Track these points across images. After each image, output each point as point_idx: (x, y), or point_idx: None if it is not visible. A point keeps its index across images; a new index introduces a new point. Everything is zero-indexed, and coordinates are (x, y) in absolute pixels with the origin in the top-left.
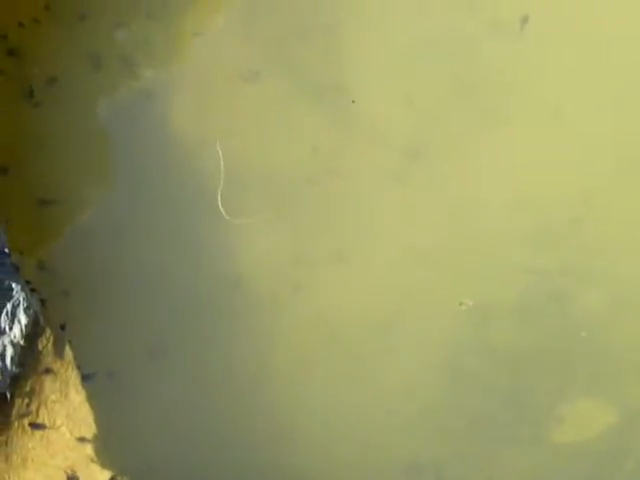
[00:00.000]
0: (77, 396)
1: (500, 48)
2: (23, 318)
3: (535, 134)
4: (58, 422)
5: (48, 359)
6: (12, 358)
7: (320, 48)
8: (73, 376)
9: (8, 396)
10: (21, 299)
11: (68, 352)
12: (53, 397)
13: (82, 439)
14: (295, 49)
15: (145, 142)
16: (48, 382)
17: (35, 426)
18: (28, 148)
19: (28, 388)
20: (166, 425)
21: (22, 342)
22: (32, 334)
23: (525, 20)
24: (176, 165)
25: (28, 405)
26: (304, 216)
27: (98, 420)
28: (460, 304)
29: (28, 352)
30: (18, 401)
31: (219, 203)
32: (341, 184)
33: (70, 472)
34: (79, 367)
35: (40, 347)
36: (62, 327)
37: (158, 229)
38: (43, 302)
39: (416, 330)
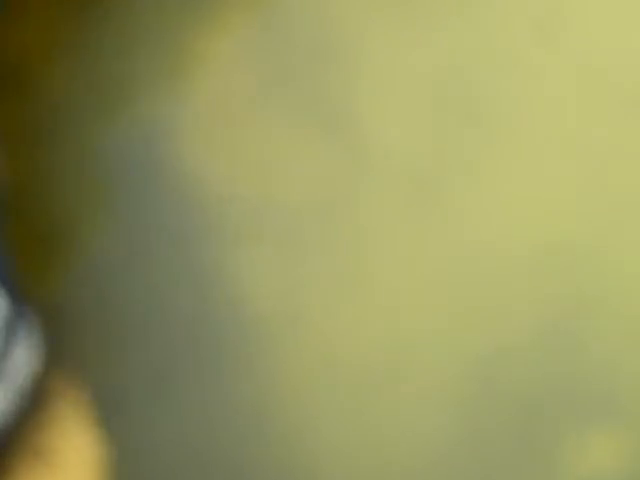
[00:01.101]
0: (83, 427)
1: (515, 79)
2: (29, 350)
3: (551, 166)
4: (66, 456)
5: (54, 391)
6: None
7: (331, 77)
8: (79, 407)
9: (15, 430)
10: (27, 330)
11: (74, 383)
12: (61, 431)
13: (90, 474)
14: (305, 78)
15: (151, 173)
16: (54, 414)
17: (41, 459)
18: (32, 181)
19: (35, 422)
20: (175, 461)
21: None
22: (38, 366)
23: (540, 44)
24: (181, 195)
25: (35, 439)
26: (311, 245)
27: (106, 454)
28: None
29: (33, 384)
30: (23, 433)
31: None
32: (348, 214)
33: None
34: (87, 401)
35: (46, 379)
36: (70, 361)
37: (162, 262)
38: (49, 334)
39: (422, 360)
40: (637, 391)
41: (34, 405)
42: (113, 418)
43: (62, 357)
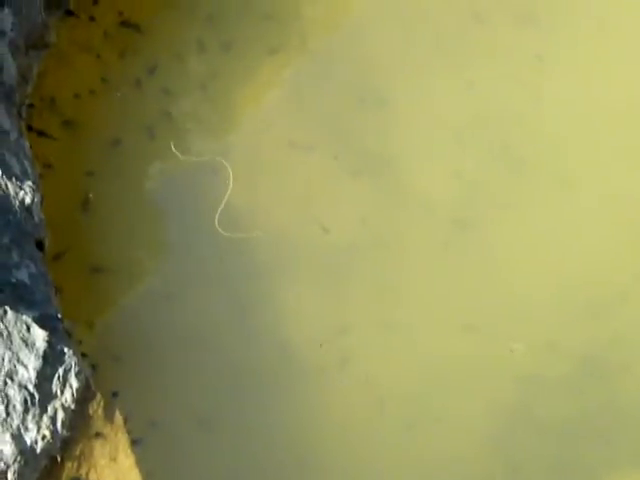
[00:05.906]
0: (126, 460)
1: (548, 120)
2: (74, 382)
3: (584, 206)
4: None
5: (98, 423)
6: (63, 422)
7: (371, 121)
8: (123, 440)
9: (59, 459)
10: (73, 364)
11: (118, 416)
12: (103, 461)
13: None
14: (346, 121)
15: (196, 211)
16: (98, 446)
17: None
18: (81, 217)
19: (78, 452)
20: None
21: (73, 406)
22: (83, 398)
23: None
24: (229, 236)
25: (78, 469)
26: (352, 286)
27: None
28: (511, 351)
29: (79, 416)
30: (68, 464)
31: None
32: (389, 254)
33: None
34: (129, 432)
35: (91, 411)
36: (114, 394)
37: (208, 297)
38: (94, 367)
39: (463, 399)
40: None
41: (76, 433)
42: (156, 451)
43: (105, 387)
